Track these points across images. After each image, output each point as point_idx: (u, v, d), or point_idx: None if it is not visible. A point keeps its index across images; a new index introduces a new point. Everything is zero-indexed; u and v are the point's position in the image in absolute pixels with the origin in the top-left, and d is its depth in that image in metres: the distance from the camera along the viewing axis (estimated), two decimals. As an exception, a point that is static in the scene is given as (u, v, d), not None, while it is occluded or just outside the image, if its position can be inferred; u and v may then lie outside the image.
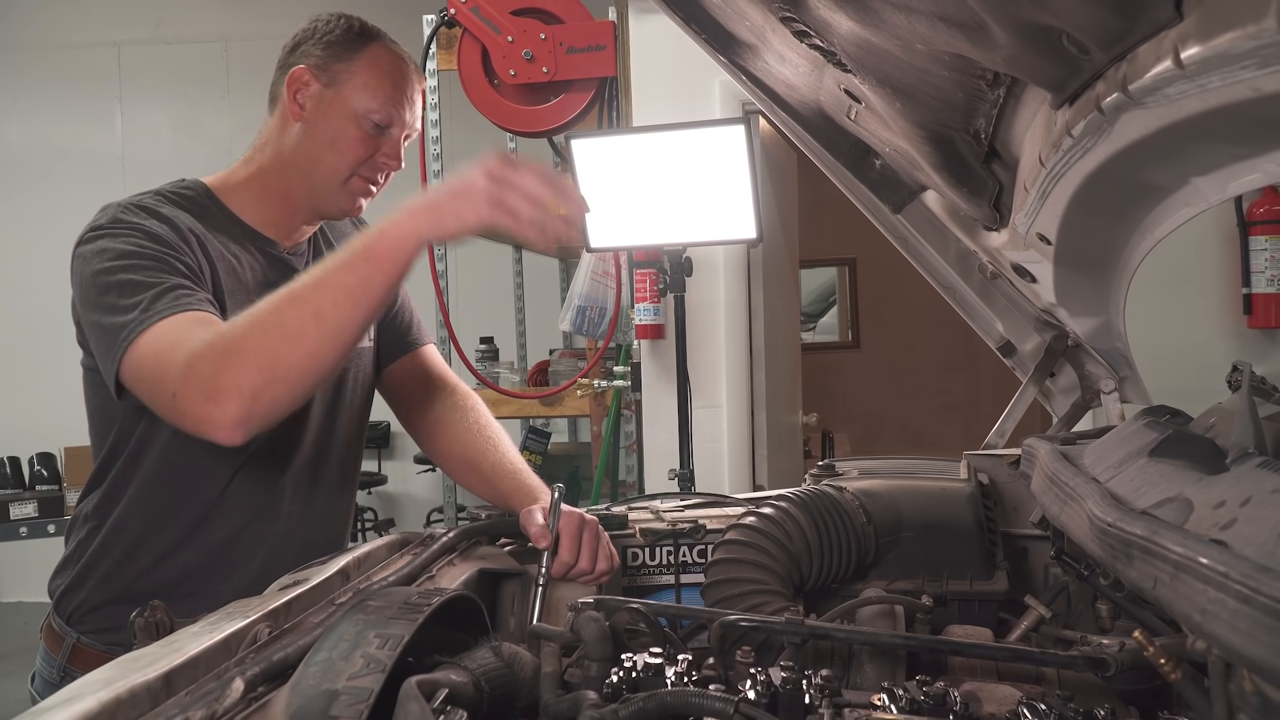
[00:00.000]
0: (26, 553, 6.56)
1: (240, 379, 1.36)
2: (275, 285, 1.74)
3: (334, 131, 1.76)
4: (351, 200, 1.81)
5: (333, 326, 1.39)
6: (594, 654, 1.13)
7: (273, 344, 1.38)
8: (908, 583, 1.52)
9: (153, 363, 1.44)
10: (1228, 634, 0.71)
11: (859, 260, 7.60)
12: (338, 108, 1.76)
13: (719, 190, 2.69)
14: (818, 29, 1.34)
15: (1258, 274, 3.75)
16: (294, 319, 1.39)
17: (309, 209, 1.83)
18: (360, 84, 1.76)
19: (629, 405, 3.99)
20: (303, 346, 1.38)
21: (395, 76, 1.79)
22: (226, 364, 1.37)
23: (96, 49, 7.14)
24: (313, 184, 1.78)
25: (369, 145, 1.77)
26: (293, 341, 1.38)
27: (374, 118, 1.76)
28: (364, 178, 1.80)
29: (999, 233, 1.65)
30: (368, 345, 1.97)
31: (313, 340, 1.39)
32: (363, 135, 1.76)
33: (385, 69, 1.78)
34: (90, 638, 1.72)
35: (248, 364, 1.37)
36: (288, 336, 1.38)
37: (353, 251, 1.42)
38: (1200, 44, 0.73)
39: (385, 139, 1.79)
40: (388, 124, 1.78)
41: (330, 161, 1.77)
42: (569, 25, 3.72)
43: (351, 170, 1.77)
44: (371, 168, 1.79)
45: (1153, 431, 1.20)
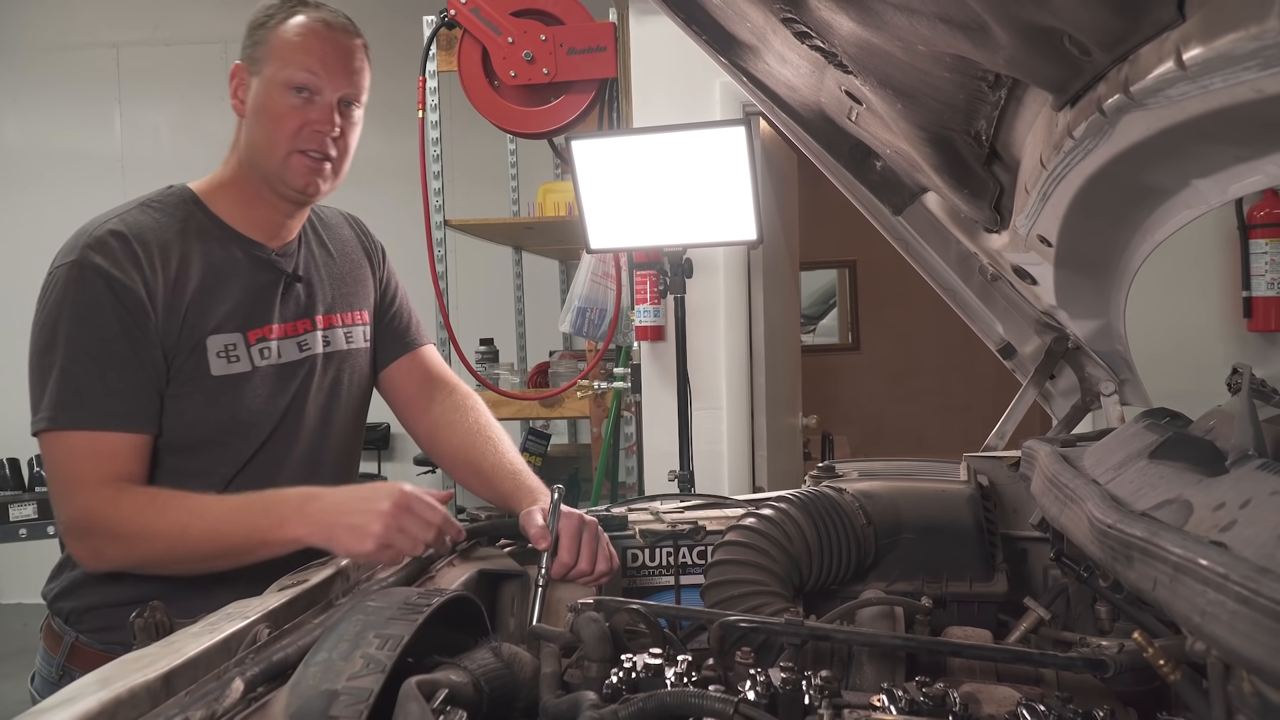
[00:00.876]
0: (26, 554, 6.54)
1: (119, 560, 1.60)
2: (260, 287, 1.80)
3: (264, 112, 1.75)
4: (299, 177, 1.77)
5: (208, 566, 1.58)
6: (594, 655, 1.13)
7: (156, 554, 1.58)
8: (907, 584, 1.52)
9: (54, 471, 1.63)
10: (1227, 635, 0.71)
11: (859, 262, 7.59)
12: (264, 88, 1.75)
13: (719, 192, 2.69)
14: (819, 30, 1.34)
15: (1258, 277, 3.75)
16: (182, 550, 1.57)
17: (274, 199, 1.81)
18: (276, 56, 1.75)
19: (629, 407, 3.99)
20: (178, 567, 1.60)
21: (309, 39, 1.75)
22: (115, 542, 1.58)
23: (95, 50, 7.13)
24: (262, 170, 1.77)
25: (298, 114, 1.74)
26: (171, 563, 1.60)
27: (295, 82, 1.73)
28: (303, 151, 1.76)
29: (999, 234, 1.64)
30: (364, 347, 1.97)
31: (188, 567, 1.60)
32: (289, 107, 1.74)
33: (298, 34, 1.75)
34: (89, 637, 1.72)
35: (131, 556, 1.59)
36: (168, 557, 1.58)
37: (251, 527, 1.53)
38: (1202, 45, 0.73)
39: (314, 106, 1.75)
40: (308, 87, 1.74)
41: (266, 142, 1.76)
42: (569, 26, 3.73)
43: (289, 144, 1.75)
44: (307, 138, 1.75)
45: (1153, 434, 1.20)
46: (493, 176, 5.68)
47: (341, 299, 1.94)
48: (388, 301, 2.06)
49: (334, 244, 1.99)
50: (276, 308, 1.82)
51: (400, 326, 2.06)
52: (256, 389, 1.76)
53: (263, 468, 1.77)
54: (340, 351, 1.91)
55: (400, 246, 2.38)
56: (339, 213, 2.07)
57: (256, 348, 1.77)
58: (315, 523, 1.47)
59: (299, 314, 1.85)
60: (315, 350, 1.86)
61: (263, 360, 1.77)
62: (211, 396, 1.70)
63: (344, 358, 1.92)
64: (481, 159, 5.89)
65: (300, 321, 1.85)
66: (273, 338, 1.80)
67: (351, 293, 1.97)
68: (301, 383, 1.83)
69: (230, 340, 1.73)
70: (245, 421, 1.75)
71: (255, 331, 1.77)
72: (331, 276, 1.94)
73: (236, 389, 1.73)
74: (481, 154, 5.85)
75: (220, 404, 1.71)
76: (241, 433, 1.75)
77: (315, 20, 1.77)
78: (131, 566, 1.60)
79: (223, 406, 1.71)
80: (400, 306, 2.08)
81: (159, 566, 1.60)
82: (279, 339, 1.81)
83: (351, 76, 1.79)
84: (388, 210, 4.96)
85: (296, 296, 1.86)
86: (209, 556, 1.55)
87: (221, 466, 1.73)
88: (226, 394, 1.72)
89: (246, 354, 1.75)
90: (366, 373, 1.99)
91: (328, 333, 1.89)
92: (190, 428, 1.69)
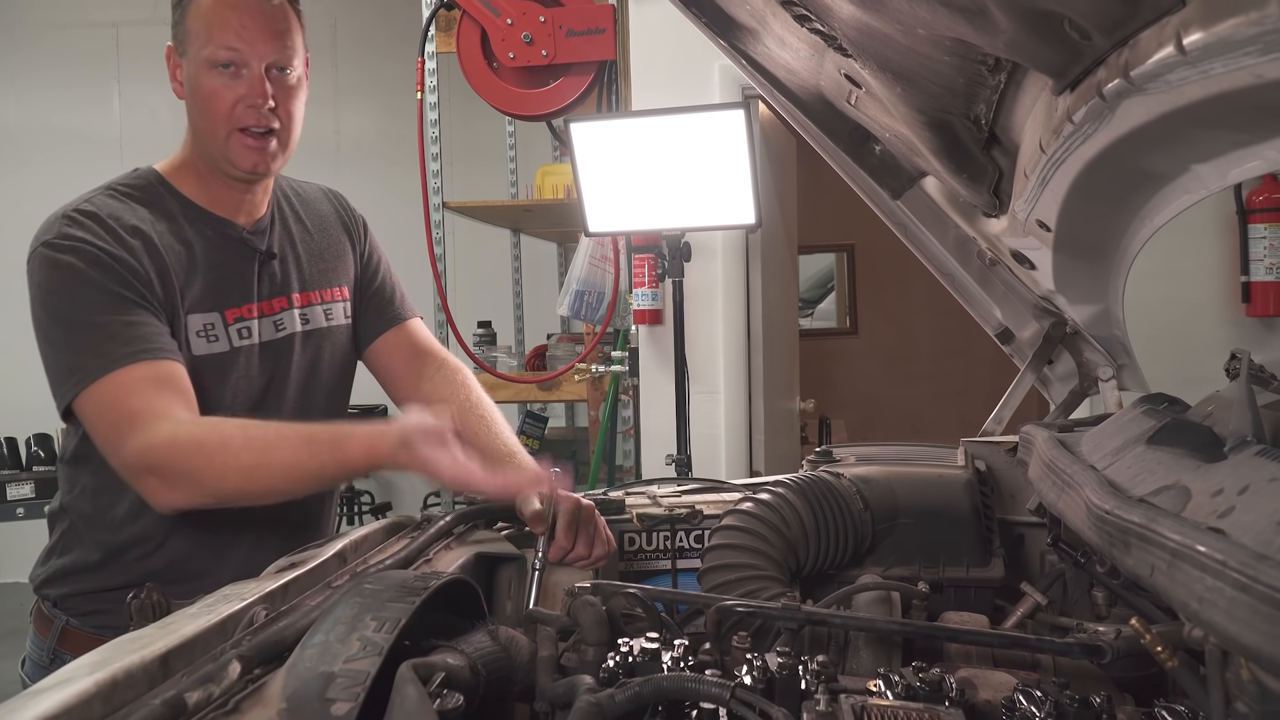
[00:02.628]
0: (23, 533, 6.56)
1: (194, 481, 1.53)
2: (234, 266, 1.77)
3: (196, 95, 1.72)
4: (243, 157, 1.73)
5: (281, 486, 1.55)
6: (590, 639, 1.13)
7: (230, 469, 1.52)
8: (904, 569, 1.52)
9: (111, 417, 1.56)
10: (1225, 622, 0.71)
11: (857, 246, 7.59)
12: (192, 71, 1.71)
13: (718, 175, 2.68)
14: (818, 13, 1.34)
15: (1256, 262, 3.75)
16: (250, 462, 1.52)
17: (227, 179, 1.77)
18: (195, 36, 1.70)
19: (626, 390, 3.99)
20: (252, 486, 1.54)
21: (222, 12, 1.68)
22: (188, 461, 1.52)
23: (94, 29, 7.11)
24: (208, 152, 1.75)
25: (228, 91, 1.69)
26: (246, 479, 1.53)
27: (217, 60, 1.68)
28: (242, 130, 1.71)
29: (998, 219, 1.64)
30: (344, 323, 1.95)
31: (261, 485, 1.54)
32: (218, 85, 1.69)
33: (209, 10, 1.69)
34: (79, 620, 1.71)
35: (204, 476, 1.52)
36: (243, 472, 1.52)
37: (331, 439, 1.51)
38: (1203, 30, 0.73)
39: (241, 80, 1.70)
40: (232, 62, 1.69)
41: (205, 126, 1.73)
42: (568, 8, 3.71)
43: (226, 124, 1.70)
44: (243, 115, 1.70)
45: (1151, 419, 1.20)
46: (491, 159, 5.67)
47: (320, 275, 1.92)
48: (370, 275, 2.03)
49: (311, 219, 1.96)
50: (254, 287, 1.80)
51: (384, 300, 2.03)
52: (239, 370, 1.75)
53: None
54: (320, 329, 1.89)
55: (398, 228, 2.38)
56: (319, 188, 2.05)
57: (235, 327, 1.75)
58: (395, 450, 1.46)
59: (274, 292, 1.83)
60: (293, 329, 1.84)
61: (241, 340, 1.76)
62: (194, 377, 1.68)
63: (323, 335, 1.90)
64: (480, 141, 5.88)
65: (276, 300, 1.83)
66: (251, 317, 1.78)
67: (330, 269, 1.94)
68: (280, 362, 1.82)
69: (209, 319, 1.72)
70: (225, 403, 1.73)
71: (233, 311, 1.76)
72: (309, 253, 1.92)
73: (218, 369, 1.72)
74: (480, 136, 5.84)
75: (202, 386, 1.69)
76: (221, 413, 1.72)
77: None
78: (208, 504, 1.57)
79: (204, 388, 1.69)
80: (384, 280, 2.05)
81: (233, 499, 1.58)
82: (258, 318, 1.79)
83: (275, 41, 1.71)
84: (385, 192, 4.97)
85: (272, 274, 1.84)
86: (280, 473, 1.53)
87: None
88: (207, 374, 1.71)
89: (225, 334, 1.74)
90: (348, 350, 1.97)
91: (305, 310, 1.87)
92: None
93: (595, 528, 1.56)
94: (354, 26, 6.68)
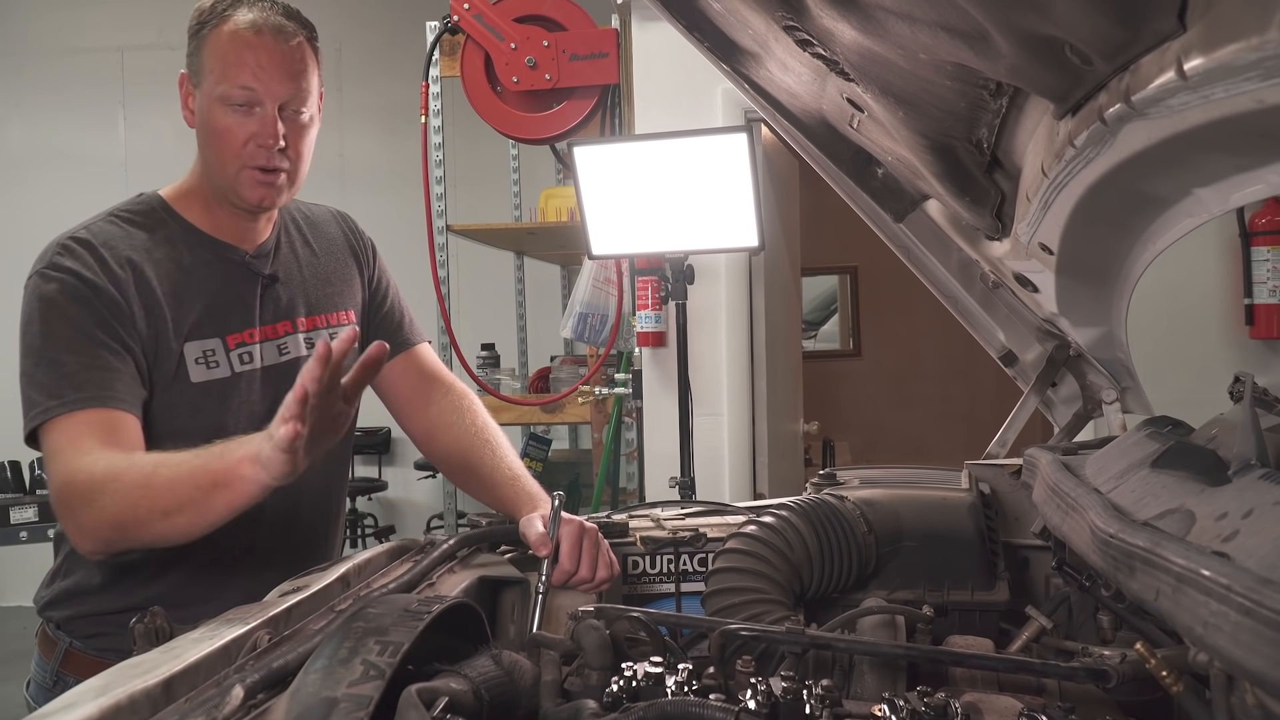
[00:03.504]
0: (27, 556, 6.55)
1: (96, 525, 1.50)
2: (236, 291, 1.77)
3: (208, 129, 1.71)
4: (251, 192, 1.72)
5: (175, 525, 1.46)
6: (594, 663, 1.13)
7: (128, 513, 1.47)
8: (909, 592, 1.52)
9: (47, 459, 1.57)
10: (1230, 646, 0.71)
11: (860, 268, 7.59)
12: (205, 104, 1.70)
13: (721, 198, 2.69)
14: (820, 38, 1.35)
15: (1260, 284, 3.76)
16: (145, 506, 1.46)
17: (235, 208, 1.77)
18: (210, 71, 1.69)
19: (630, 413, 3.99)
20: (151, 529, 1.48)
21: (239, 50, 1.67)
22: (89, 506, 1.48)
23: (100, 54, 7.16)
24: (216, 184, 1.75)
25: (241, 131, 1.68)
26: (143, 523, 1.48)
27: (231, 99, 1.67)
28: (252, 168, 1.70)
29: (1001, 242, 1.64)
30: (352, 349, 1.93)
31: (159, 528, 1.47)
32: (231, 123, 1.68)
33: (228, 48, 1.67)
34: (82, 643, 1.71)
35: (104, 517, 1.48)
36: (139, 517, 1.47)
37: (206, 471, 1.43)
38: (1203, 55, 0.73)
39: (254, 118, 1.69)
40: (247, 101, 1.68)
41: (214, 160, 1.72)
42: (572, 32, 3.73)
43: (237, 161, 1.69)
44: (254, 154, 1.70)
45: (1155, 442, 1.20)
46: (495, 181, 5.69)
47: (326, 299, 1.91)
48: (379, 300, 2.03)
49: (318, 242, 1.95)
50: (256, 311, 1.79)
51: (393, 325, 2.02)
52: (240, 395, 1.74)
53: None
54: None
55: (402, 251, 2.38)
56: (328, 210, 2.04)
57: (236, 352, 1.74)
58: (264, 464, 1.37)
59: (279, 316, 1.82)
60: (297, 353, 1.83)
61: (243, 365, 1.75)
62: (194, 404, 1.68)
63: None
64: (484, 164, 5.91)
65: (280, 324, 1.82)
66: (253, 342, 1.77)
67: (336, 292, 1.93)
68: (283, 387, 1.76)
69: (209, 346, 1.71)
70: (229, 429, 1.69)
71: (234, 336, 1.75)
72: (315, 276, 1.91)
73: (219, 395, 1.71)
74: (483, 159, 5.87)
75: (203, 411, 1.68)
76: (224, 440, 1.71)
77: (245, 27, 1.67)
78: (108, 535, 1.51)
79: (206, 414, 1.69)
80: (393, 305, 2.04)
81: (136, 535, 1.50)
82: (260, 342, 1.78)
83: (290, 82, 1.70)
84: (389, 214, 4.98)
85: (276, 298, 1.83)
86: (171, 513, 1.45)
87: None
88: (209, 401, 1.70)
89: (226, 359, 1.73)
90: None
91: (312, 334, 1.86)
92: (174, 438, 1.63)
93: (599, 551, 1.56)
94: (359, 50, 6.71)
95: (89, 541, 1.54)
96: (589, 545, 1.55)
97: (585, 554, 1.53)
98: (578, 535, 1.54)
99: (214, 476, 1.41)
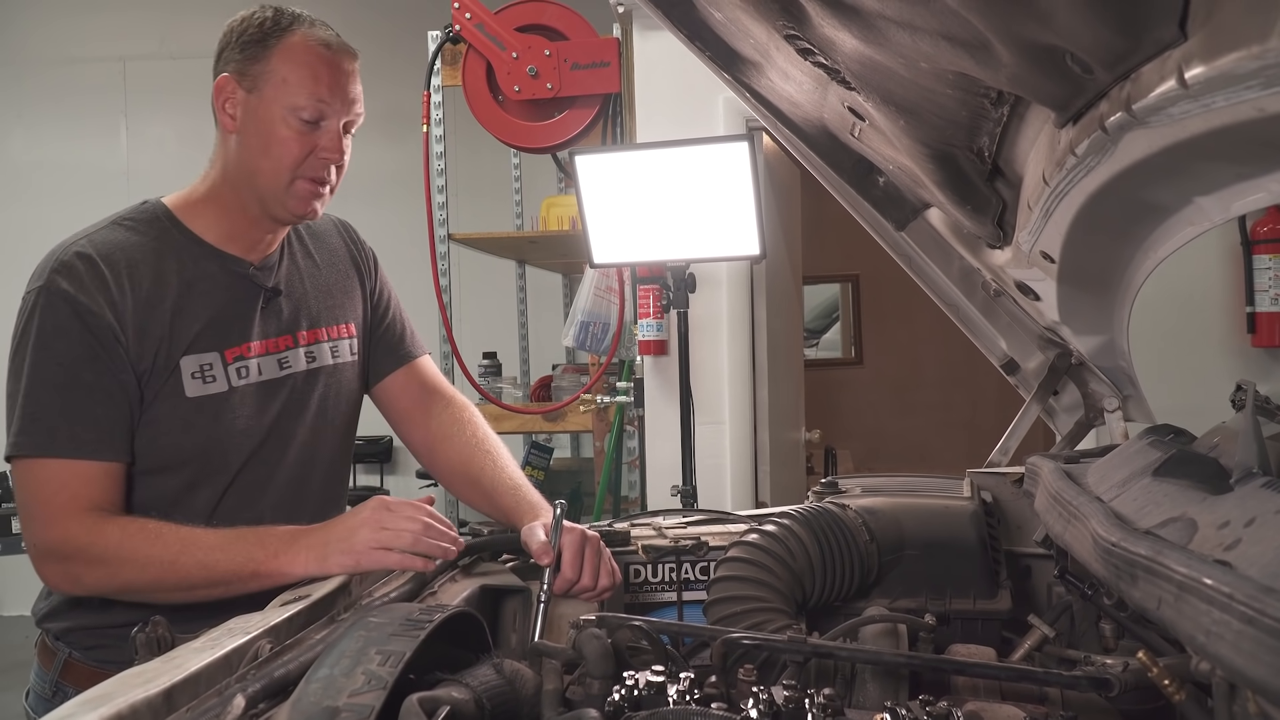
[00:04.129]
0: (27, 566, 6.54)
1: (101, 586, 1.57)
2: (237, 304, 1.76)
3: (265, 136, 1.69)
4: (302, 204, 1.73)
5: (193, 596, 1.53)
6: (596, 672, 1.13)
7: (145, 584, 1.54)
8: (911, 601, 1.52)
9: (24, 498, 1.59)
10: (1232, 655, 0.70)
11: (862, 277, 7.59)
12: (264, 111, 1.69)
13: (722, 207, 2.69)
14: (822, 47, 1.35)
15: (1261, 293, 3.75)
16: (169, 581, 1.52)
17: (266, 219, 1.76)
18: (280, 81, 1.68)
19: (631, 421, 3.98)
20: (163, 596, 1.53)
21: (316, 66, 1.69)
22: (95, 568, 1.54)
23: (102, 64, 7.16)
24: (259, 193, 1.72)
25: (304, 143, 1.69)
26: (157, 591, 1.54)
27: (302, 115, 1.68)
28: (307, 179, 1.72)
29: (1002, 250, 1.65)
30: (350, 360, 1.93)
31: (174, 596, 1.53)
32: (295, 134, 1.68)
33: (303, 61, 1.69)
34: (81, 654, 1.70)
35: (113, 583, 1.55)
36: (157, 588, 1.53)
37: (245, 557, 1.50)
38: (1204, 64, 0.73)
39: (321, 133, 1.71)
40: (317, 117, 1.70)
41: (268, 168, 1.70)
42: (573, 42, 3.74)
43: (292, 173, 1.70)
44: (313, 166, 1.71)
45: (1156, 451, 1.20)
46: (496, 190, 5.69)
47: (327, 312, 1.90)
48: (380, 312, 2.02)
49: (320, 254, 1.94)
50: (256, 324, 1.77)
51: (395, 338, 2.02)
52: (235, 409, 1.72)
53: (247, 490, 1.74)
54: (326, 367, 1.87)
55: (404, 260, 2.39)
56: (330, 220, 2.02)
57: (234, 366, 1.72)
58: (307, 549, 1.47)
59: (280, 330, 1.81)
60: (298, 367, 1.82)
61: (240, 380, 1.73)
62: (187, 419, 1.66)
63: (330, 373, 1.88)
64: (485, 173, 5.90)
65: (281, 338, 1.81)
66: (251, 355, 1.75)
67: (338, 305, 1.92)
68: (284, 402, 1.79)
69: (206, 360, 1.69)
70: (224, 443, 1.70)
71: (233, 350, 1.73)
72: (317, 288, 1.90)
73: (213, 410, 1.69)
74: (485, 168, 5.86)
75: (196, 426, 1.67)
76: (221, 455, 1.70)
77: (318, 43, 1.70)
78: (111, 593, 1.57)
79: (199, 429, 1.67)
80: (394, 317, 2.04)
81: (141, 594, 1.55)
82: (259, 356, 1.77)
83: (354, 104, 1.75)
84: (391, 223, 4.98)
85: (278, 311, 1.81)
86: (198, 585, 1.51)
87: (203, 489, 1.70)
88: (203, 416, 1.68)
89: (224, 373, 1.71)
90: (354, 387, 1.95)
91: (312, 348, 1.85)
92: (166, 451, 1.66)
93: (601, 559, 1.56)
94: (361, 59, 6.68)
95: (80, 591, 1.61)
96: (591, 554, 1.54)
97: (587, 563, 1.53)
98: (579, 544, 1.53)
99: (257, 568, 1.49)
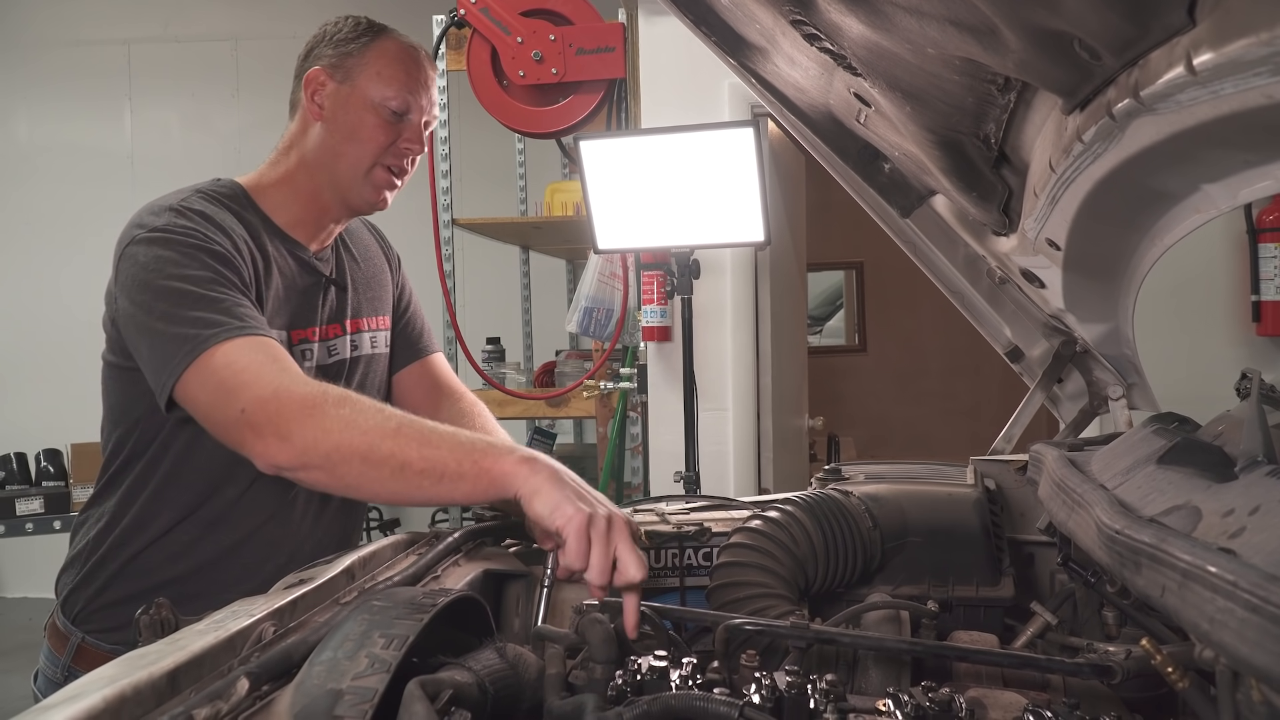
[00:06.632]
0: (32, 548, 6.57)
1: (314, 444, 1.41)
2: (303, 289, 1.82)
3: (353, 123, 1.80)
4: (376, 192, 1.84)
5: (396, 483, 1.41)
6: (598, 656, 1.13)
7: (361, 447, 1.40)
8: (913, 588, 1.52)
9: (224, 375, 1.48)
10: (1236, 643, 0.70)
11: (866, 264, 7.59)
12: (355, 100, 1.80)
13: (727, 193, 2.69)
14: (828, 32, 1.34)
15: (1267, 281, 3.75)
16: (382, 450, 1.39)
17: (337, 206, 1.85)
18: (374, 74, 1.81)
19: (635, 407, 3.99)
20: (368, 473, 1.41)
21: (408, 63, 1.84)
22: (311, 419, 1.42)
23: (106, 46, 7.16)
24: (337, 178, 1.82)
25: (389, 132, 1.81)
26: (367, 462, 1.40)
27: (391, 104, 1.80)
28: (386, 166, 1.83)
29: (1008, 238, 1.64)
30: (384, 351, 2.01)
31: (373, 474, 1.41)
32: (382, 123, 1.80)
33: (397, 57, 1.83)
34: (95, 637, 1.72)
35: (328, 438, 1.40)
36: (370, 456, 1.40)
37: (469, 448, 1.39)
38: (1213, 50, 0.73)
39: (405, 125, 1.83)
40: (404, 109, 1.82)
41: (352, 153, 1.80)
42: (578, 26, 3.73)
43: (374, 159, 1.81)
44: (395, 155, 1.83)
45: (1161, 439, 1.20)
46: (501, 176, 5.69)
47: (368, 303, 1.99)
48: (402, 310, 2.10)
49: (358, 249, 2.03)
50: (318, 310, 1.86)
51: (414, 333, 2.10)
52: None
53: None
54: (365, 355, 1.96)
55: (408, 245, 2.39)
56: (360, 219, 2.10)
57: (299, 348, 1.79)
58: (533, 468, 1.36)
59: (331, 318, 1.89)
60: (344, 355, 1.90)
61: (303, 362, 1.79)
62: None
63: (369, 362, 1.96)
64: (489, 158, 5.91)
65: (331, 326, 1.89)
66: (314, 340, 1.83)
67: (376, 297, 2.02)
68: None
69: (277, 337, 1.70)
70: None
71: (299, 332, 1.80)
72: (359, 281, 1.98)
73: None
74: (489, 153, 5.87)
75: None
76: None
77: (410, 47, 1.87)
78: (314, 459, 1.42)
79: None
80: (414, 313, 2.12)
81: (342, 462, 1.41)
82: (318, 342, 1.85)
83: (434, 105, 1.90)
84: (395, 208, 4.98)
85: (331, 300, 1.89)
86: (404, 466, 1.39)
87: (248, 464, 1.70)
88: None
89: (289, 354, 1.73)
90: (385, 379, 2.03)
91: (355, 337, 1.93)
92: None
93: (610, 547, 1.56)
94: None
95: (288, 452, 1.44)
96: (598, 540, 1.54)
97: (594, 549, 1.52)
98: (584, 529, 1.53)
99: (476, 459, 1.38)
